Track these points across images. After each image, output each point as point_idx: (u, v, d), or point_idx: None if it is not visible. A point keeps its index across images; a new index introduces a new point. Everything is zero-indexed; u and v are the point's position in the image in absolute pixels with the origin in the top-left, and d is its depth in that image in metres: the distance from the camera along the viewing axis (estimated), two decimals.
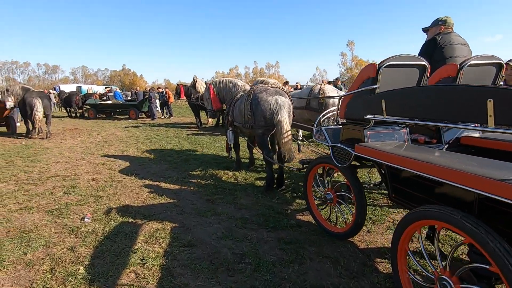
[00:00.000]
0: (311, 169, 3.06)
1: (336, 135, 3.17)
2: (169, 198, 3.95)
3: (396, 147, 2.09)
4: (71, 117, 16.70)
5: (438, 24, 3.20)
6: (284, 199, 3.87)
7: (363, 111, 2.27)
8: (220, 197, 3.95)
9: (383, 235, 2.91)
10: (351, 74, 43.46)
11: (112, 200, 3.89)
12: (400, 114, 1.97)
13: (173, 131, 10.67)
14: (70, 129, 11.30)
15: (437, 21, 3.23)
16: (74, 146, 7.90)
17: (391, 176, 2.17)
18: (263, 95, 3.96)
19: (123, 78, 70.07)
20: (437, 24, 3.21)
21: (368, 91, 2.21)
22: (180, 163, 5.80)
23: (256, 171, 5.19)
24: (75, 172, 5.25)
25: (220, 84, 5.31)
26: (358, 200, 2.50)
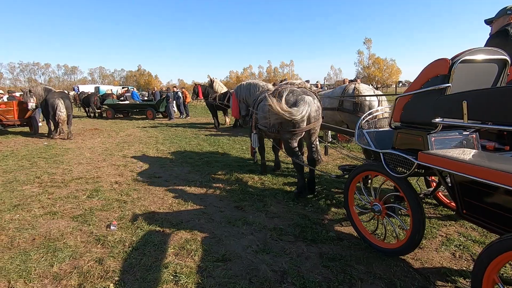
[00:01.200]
0: (354, 177, 2.77)
1: (383, 140, 2.88)
2: (196, 204, 3.74)
3: (473, 155, 1.79)
4: (90, 117, 16.95)
5: (506, 13, 2.83)
6: (318, 207, 3.59)
7: (429, 113, 1.97)
8: (249, 203, 3.72)
9: (438, 252, 2.59)
10: (367, 73, 42.45)
11: (137, 205, 3.72)
12: (483, 117, 1.67)
13: (191, 131, 10.55)
14: (90, 129, 11.39)
15: (504, 10, 2.85)
16: (94, 146, 7.88)
17: (462, 189, 1.86)
18: (290, 97, 3.68)
19: (139, 79, 71.29)
20: (505, 14, 2.83)
21: (437, 91, 1.91)
22: (202, 166, 5.62)
23: (283, 175, 4.93)
24: (97, 174, 5.15)
25: (240, 89, 5.09)
26: (415, 214, 2.20)
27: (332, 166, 5.38)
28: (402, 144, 2.29)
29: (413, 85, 2.17)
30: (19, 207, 3.65)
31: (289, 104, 3.56)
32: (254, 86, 4.80)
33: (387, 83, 42.13)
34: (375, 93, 4.29)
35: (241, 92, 5.03)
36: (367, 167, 2.63)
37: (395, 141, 2.38)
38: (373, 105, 4.26)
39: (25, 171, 5.37)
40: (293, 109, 3.37)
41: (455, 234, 2.86)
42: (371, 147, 2.82)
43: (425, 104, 2.03)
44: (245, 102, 5.04)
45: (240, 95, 5.05)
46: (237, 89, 5.15)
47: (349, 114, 4.38)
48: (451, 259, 2.49)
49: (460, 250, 2.60)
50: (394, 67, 43.19)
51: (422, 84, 2.04)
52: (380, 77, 42.17)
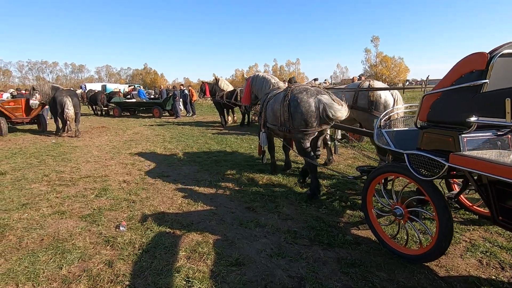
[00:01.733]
0: (374, 179, 2.64)
1: (403, 140, 2.74)
2: (206, 204, 3.65)
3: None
4: (97, 115, 17.01)
5: None
6: (332, 209, 3.46)
7: (462, 112, 1.84)
8: (261, 204, 3.61)
9: (463, 259, 2.44)
10: (375, 71, 41.90)
11: (146, 205, 3.64)
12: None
13: (198, 130, 10.48)
14: (97, 127, 11.40)
15: None
16: (102, 145, 7.85)
17: (499, 194, 1.72)
18: (303, 95, 3.56)
19: (145, 77, 71.71)
20: None
21: (472, 88, 1.76)
22: (211, 165, 5.52)
23: (293, 174, 4.81)
24: (105, 173, 5.09)
25: (256, 79, 5.00)
26: (443, 219, 2.06)
27: (344, 166, 5.24)
28: (429, 145, 2.15)
29: (443, 81, 2.03)
30: (27, 206, 3.60)
31: (305, 103, 3.46)
32: (267, 83, 4.70)
33: (395, 81, 41.51)
34: (390, 92, 4.12)
35: (256, 83, 4.94)
36: (389, 169, 2.50)
37: (420, 141, 2.25)
38: (388, 103, 4.10)
39: (33, 169, 5.34)
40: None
41: (480, 240, 2.71)
42: (391, 147, 2.69)
43: (457, 102, 1.89)
44: (256, 93, 4.97)
45: (254, 85, 4.98)
46: (254, 78, 5.08)
47: (363, 112, 4.23)
48: (478, 266, 2.35)
49: (487, 256, 2.46)
50: (402, 65, 42.56)
51: (454, 80, 1.90)
52: (388, 76, 41.59)
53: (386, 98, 4.09)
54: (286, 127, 3.69)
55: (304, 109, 3.44)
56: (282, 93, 3.91)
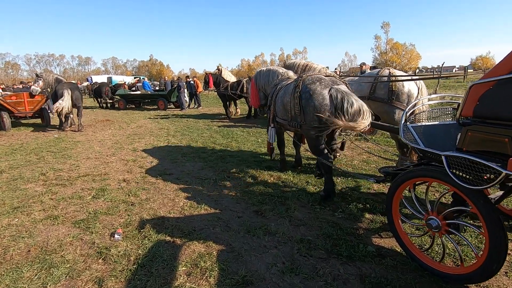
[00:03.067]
0: (402, 184, 2.27)
1: (433, 137, 2.36)
2: (210, 207, 3.34)
3: None
4: (102, 107, 16.84)
5: None
6: (350, 213, 3.11)
7: None
8: (270, 207, 3.28)
9: (509, 278, 2.08)
10: (385, 59, 40.53)
11: (145, 208, 3.36)
12: None
13: (203, 122, 10.16)
14: (101, 121, 11.19)
15: None
16: (104, 139, 7.61)
17: None
18: (317, 86, 3.14)
19: (151, 68, 71.43)
20: None
21: None
22: (216, 161, 5.21)
23: (304, 172, 4.46)
24: (105, 171, 4.83)
25: (260, 75, 4.60)
26: (494, 236, 1.70)
27: (358, 162, 4.86)
28: (475, 145, 1.77)
29: (498, 68, 1.62)
30: (19, 209, 3.36)
31: (318, 95, 3.05)
32: (274, 74, 4.30)
33: (406, 69, 40.19)
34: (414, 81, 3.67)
35: (260, 79, 4.55)
36: (423, 173, 2.12)
37: (463, 140, 1.86)
38: (412, 93, 3.66)
39: (31, 166, 5.12)
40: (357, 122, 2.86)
41: None
42: (420, 146, 2.31)
43: None
44: (263, 90, 4.56)
45: (259, 83, 4.58)
46: (257, 75, 4.67)
47: (382, 104, 3.81)
48: None
49: None
50: (413, 52, 40.96)
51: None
52: (399, 63, 40.18)
53: (410, 87, 3.65)
54: (297, 122, 3.31)
55: (318, 102, 3.04)
56: (292, 84, 3.51)
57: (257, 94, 4.63)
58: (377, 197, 3.46)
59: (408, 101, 3.65)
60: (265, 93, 4.58)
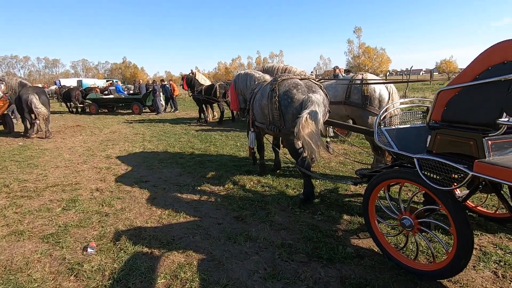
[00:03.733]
0: (377, 186, 2.35)
1: (405, 140, 2.47)
2: (189, 215, 3.27)
3: None
4: (72, 112, 16.04)
5: None
6: (329, 215, 3.17)
7: (490, 111, 1.55)
8: (250, 212, 3.27)
9: (477, 271, 2.21)
10: (358, 62, 42.11)
11: (121, 218, 3.22)
12: None
13: (181, 127, 9.96)
14: (71, 126, 10.64)
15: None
16: (75, 146, 7.23)
17: None
18: (295, 92, 3.19)
19: (124, 71, 69.03)
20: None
21: (503, 82, 1.47)
22: (194, 167, 5.12)
23: (283, 175, 4.49)
24: (76, 180, 4.58)
25: (238, 79, 4.59)
26: (461, 234, 1.80)
27: (336, 164, 4.98)
28: (444, 148, 1.87)
29: (463, 75, 1.73)
30: None
31: (297, 101, 3.09)
32: (251, 78, 4.31)
33: (377, 72, 41.93)
34: (385, 85, 3.83)
35: (239, 83, 4.54)
36: (396, 174, 2.21)
37: (432, 143, 1.96)
38: (383, 98, 3.82)
39: None
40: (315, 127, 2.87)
41: (491, 247, 2.50)
42: (394, 149, 2.41)
43: (482, 100, 1.60)
44: (242, 94, 4.57)
45: (238, 86, 4.57)
46: (236, 79, 4.65)
47: (356, 108, 3.94)
48: (495, 279, 2.12)
49: (502, 267, 2.24)
50: (384, 56, 43.01)
51: (478, 74, 1.60)
52: (371, 66, 41.96)
53: (381, 92, 3.81)
54: (276, 127, 3.34)
55: (296, 109, 3.08)
56: (268, 86, 3.53)
57: (236, 98, 4.62)
58: (354, 198, 3.56)
59: (380, 106, 3.80)
60: (244, 97, 4.58)
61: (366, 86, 3.80)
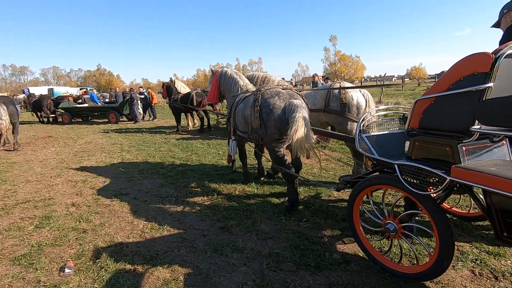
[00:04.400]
0: (361, 192, 2.41)
1: (385, 146, 2.56)
2: (173, 227, 3.18)
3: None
4: (43, 122, 15.23)
5: (503, 13, 2.64)
6: (314, 221, 3.20)
7: (463, 119, 1.65)
8: (236, 222, 3.23)
9: (456, 271, 2.31)
10: (334, 69, 43.54)
11: (100, 234, 3.07)
12: None
13: (160, 136, 9.74)
14: (42, 137, 10.09)
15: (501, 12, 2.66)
16: (47, 158, 6.85)
17: (505, 210, 1.56)
18: (276, 100, 3.24)
19: (99, 79, 66.84)
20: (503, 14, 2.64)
21: (474, 92, 1.57)
22: (176, 177, 5.00)
23: (267, 183, 4.50)
24: (49, 195, 4.34)
25: (225, 76, 4.53)
26: (443, 236, 1.88)
27: (318, 170, 5.06)
28: (422, 154, 1.96)
29: (438, 85, 1.83)
30: None
31: (278, 109, 3.13)
32: (235, 84, 4.30)
33: (353, 79, 43.48)
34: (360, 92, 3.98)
35: (224, 81, 4.48)
36: (379, 180, 2.28)
37: (411, 150, 2.04)
38: (361, 105, 3.97)
39: None
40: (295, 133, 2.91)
41: (467, 246, 2.62)
42: (374, 155, 2.49)
43: (456, 108, 1.70)
44: (222, 92, 4.56)
45: (222, 83, 4.52)
46: (222, 75, 4.54)
47: (336, 115, 4.05)
48: (473, 278, 2.23)
49: (478, 265, 2.35)
50: (359, 63, 44.77)
51: (452, 84, 1.70)
52: (346, 73, 43.50)
53: (358, 100, 3.96)
54: (258, 135, 3.35)
55: (278, 116, 3.12)
56: (251, 97, 3.56)
57: (217, 90, 4.58)
58: (337, 204, 3.63)
59: (358, 112, 3.94)
60: (223, 95, 4.59)
61: (344, 94, 3.93)
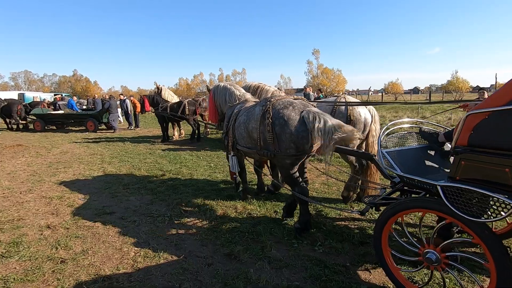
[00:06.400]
0: (392, 216, 2.15)
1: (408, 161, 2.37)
2: (170, 254, 2.76)
3: None
4: (12, 129, 14.04)
5: None
6: (329, 245, 2.90)
7: None
8: (243, 247, 2.86)
9: None
10: (317, 82, 44.38)
11: (82, 265, 2.59)
12: None
13: (144, 146, 9.16)
14: (11, 146, 9.18)
15: None
16: (16, 170, 6.13)
17: None
18: (290, 111, 2.90)
19: (74, 85, 64.00)
20: None
21: None
22: (167, 193, 4.55)
23: (269, 199, 4.16)
24: (18, 215, 3.75)
25: (217, 90, 4.28)
26: (501, 269, 1.64)
27: (319, 185, 4.81)
28: (469, 175, 1.73)
29: (494, 99, 1.63)
30: None
31: (294, 121, 2.84)
32: (230, 95, 4.01)
33: (335, 91, 44.51)
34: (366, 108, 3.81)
35: (218, 95, 4.23)
36: (417, 204, 2.02)
37: (455, 170, 1.82)
38: (368, 122, 3.77)
39: None
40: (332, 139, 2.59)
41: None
42: (397, 171, 2.27)
43: None
44: (219, 107, 4.26)
45: (216, 99, 4.26)
46: (214, 90, 4.32)
47: None
48: None
49: None
50: (340, 76, 46.01)
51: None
52: (329, 86, 44.49)
53: (365, 116, 3.78)
54: (269, 151, 3.02)
55: (294, 129, 2.82)
56: (257, 108, 3.23)
57: (215, 109, 4.30)
58: (350, 224, 3.36)
59: (364, 129, 3.76)
60: (221, 111, 4.29)
61: (352, 110, 3.74)
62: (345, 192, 3.97)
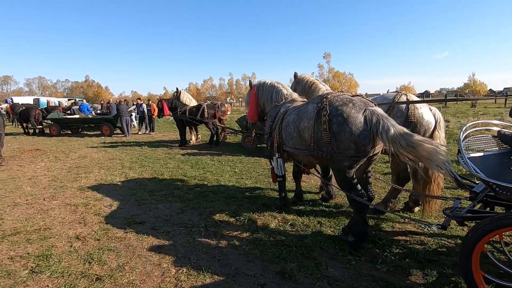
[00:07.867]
0: (488, 234, 1.82)
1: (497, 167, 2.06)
2: (215, 273, 2.47)
3: None
4: (28, 134, 14.11)
5: None
6: (392, 263, 2.56)
7: None
8: (295, 265, 2.55)
9: None
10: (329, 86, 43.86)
11: (121, 284, 2.32)
12: None
13: (162, 150, 8.96)
14: (29, 150, 9.11)
15: None
16: (37, 175, 5.97)
17: None
18: (350, 108, 2.62)
19: (86, 90, 65.25)
20: None
21: None
22: (197, 200, 4.29)
23: (309, 209, 3.84)
24: (45, 224, 3.53)
25: (263, 88, 4.06)
26: None
27: None
28: None
29: None
30: None
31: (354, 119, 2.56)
32: (278, 93, 3.84)
33: None
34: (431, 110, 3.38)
35: (262, 93, 4.02)
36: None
37: None
38: (430, 126, 3.34)
39: None
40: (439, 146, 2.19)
41: None
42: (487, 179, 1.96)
43: None
44: (262, 106, 4.04)
45: (260, 97, 4.04)
46: (259, 87, 4.09)
47: None
48: None
49: None
50: (352, 80, 45.56)
51: None
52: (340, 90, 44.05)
53: (429, 120, 3.32)
54: (324, 152, 2.72)
55: (355, 127, 2.53)
56: (310, 105, 2.95)
57: (256, 107, 4.07)
58: (408, 237, 3.01)
59: (424, 135, 3.30)
60: (262, 110, 4.05)
61: (413, 110, 3.33)
62: (411, 202, 3.68)
